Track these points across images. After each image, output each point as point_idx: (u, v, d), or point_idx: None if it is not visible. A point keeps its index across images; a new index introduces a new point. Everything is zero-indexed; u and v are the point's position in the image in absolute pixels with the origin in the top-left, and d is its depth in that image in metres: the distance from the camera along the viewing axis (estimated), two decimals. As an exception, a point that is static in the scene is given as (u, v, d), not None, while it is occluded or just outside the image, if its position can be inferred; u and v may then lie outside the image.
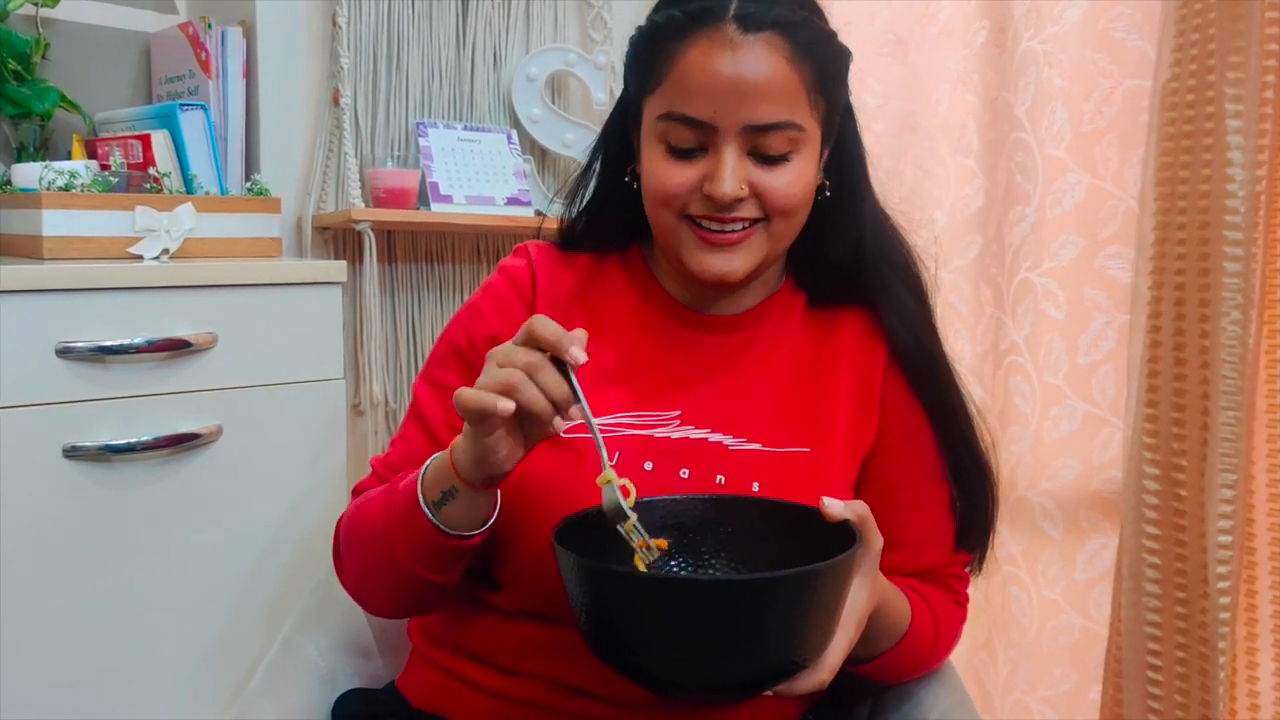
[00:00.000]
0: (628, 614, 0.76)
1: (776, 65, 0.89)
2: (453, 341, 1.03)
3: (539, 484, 0.92)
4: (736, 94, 0.89)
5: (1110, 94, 1.66)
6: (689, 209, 0.93)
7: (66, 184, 1.38)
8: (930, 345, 1.02)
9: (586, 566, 0.76)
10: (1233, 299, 1.35)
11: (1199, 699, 1.41)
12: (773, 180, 0.91)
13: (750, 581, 0.76)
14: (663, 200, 0.93)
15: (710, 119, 0.90)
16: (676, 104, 0.91)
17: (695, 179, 0.92)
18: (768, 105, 0.89)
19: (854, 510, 0.83)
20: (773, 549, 0.87)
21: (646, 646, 0.76)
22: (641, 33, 0.96)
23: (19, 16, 1.57)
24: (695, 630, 0.73)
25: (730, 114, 0.89)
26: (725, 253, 0.93)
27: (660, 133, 0.93)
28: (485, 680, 0.96)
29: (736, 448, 0.96)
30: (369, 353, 1.81)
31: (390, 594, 0.95)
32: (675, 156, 0.92)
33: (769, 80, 0.89)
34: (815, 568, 0.73)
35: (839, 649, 0.81)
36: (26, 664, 1.24)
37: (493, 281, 1.05)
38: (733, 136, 0.90)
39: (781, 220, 0.93)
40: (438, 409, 1.01)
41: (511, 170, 1.92)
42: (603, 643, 0.78)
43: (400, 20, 1.85)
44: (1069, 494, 1.75)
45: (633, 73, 0.98)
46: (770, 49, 0.89)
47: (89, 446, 1.26)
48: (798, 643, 0.76)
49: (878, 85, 1.82)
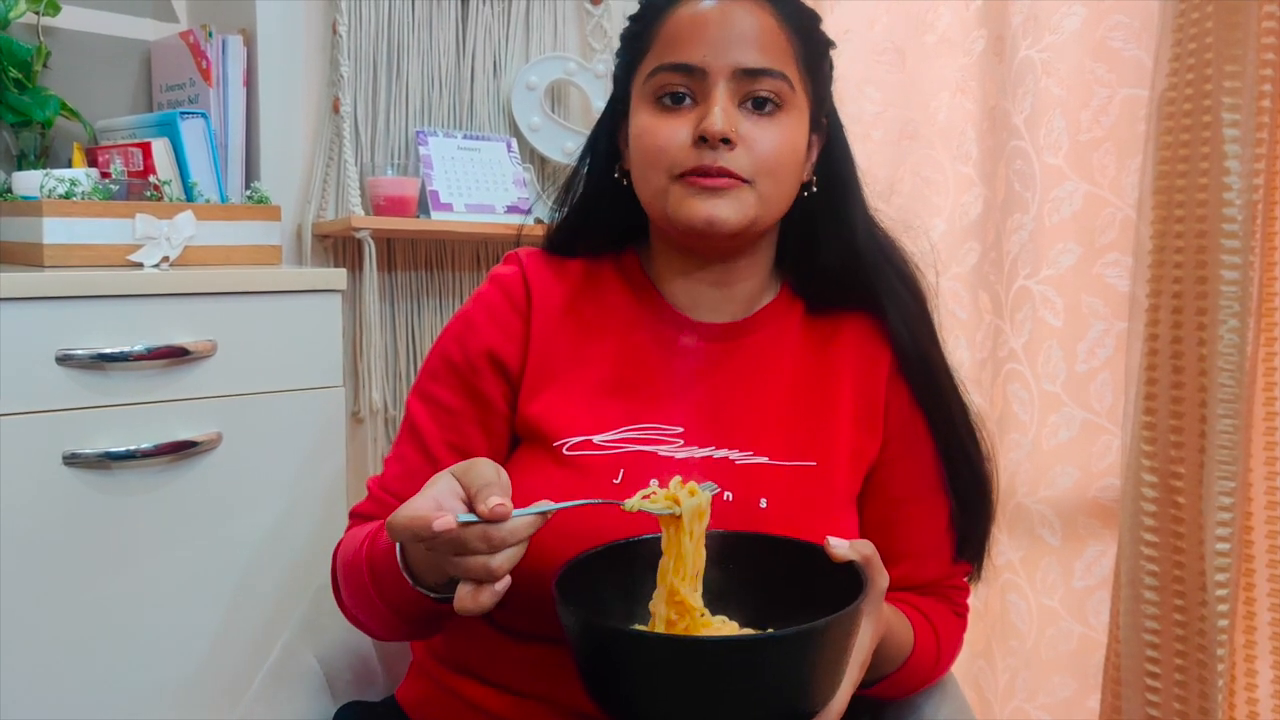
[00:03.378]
0: (630, 670, 0.74)
1: (765, 22, 0.93)
2: (446, 355, 1.00)
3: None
4: (726, 38, 0.91)
5: (1108, 103, 1.67)
6: (682, 164, 0.92)
7: (67, 192, 1.38)
8: (929, 344, 1.02)
9: (588, 623, 0.74)
10: (1230, 307, 1.35)
11: (1197, 706, 1.41)
12: (761, 133, 0.92)
13: (754, 640, 0.75)
14: (656, 156, 0.93)
15: (700, 62, 0.91)
16: (667, 55, 0.93)
17: (687, 130, 0.92)
18: (756, 51, 0.92)
19: (859, 551, 0.81)
20: (778, 586, 0.85)
21: (648, 703, 0.74)
22: (630, 17, 0.99)
23: (20, 25, 1.57)
24: (700, 687, 0.71)
25: (721, 56, 0.91)
26: (714, 198, 0.91)
27: (652, 89, 0.94)
28: (486, 701, 0.95)
29: (743, 462, 0.95)
30: (368, 360, 1.81)
31: (386, 631, 0.93)
32: (666, 109, 0.93)
33: (758, 30, 0.92)
34: (822, 623, 0.71)
35: (845, 693, 0.80)
36: (26, 670, 1.24)
37: (484, 291, 1.02)
38: (723, 80, 0.91)
39: (767, 181, 0.93)
40: (433, 425, 0.98)
41: (511, 178, 1.93)
42: (604, 696, 0.77)
43: (400, 28, 1.86)
44: (1067, 501, 1.75)
45: (623, 54, 1.00)
46: (758, 8, 0.93)
47: (89, 454, 1.26)
48: (806, 695, 0.74)
49: (876, 93, 1.82)
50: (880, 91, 1.82)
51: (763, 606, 0.85)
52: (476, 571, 0.71)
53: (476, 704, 0.96)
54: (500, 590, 0.72)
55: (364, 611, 0.92)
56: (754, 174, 0.92)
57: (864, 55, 1.81)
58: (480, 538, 0.70)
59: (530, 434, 0.96)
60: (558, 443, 0.94)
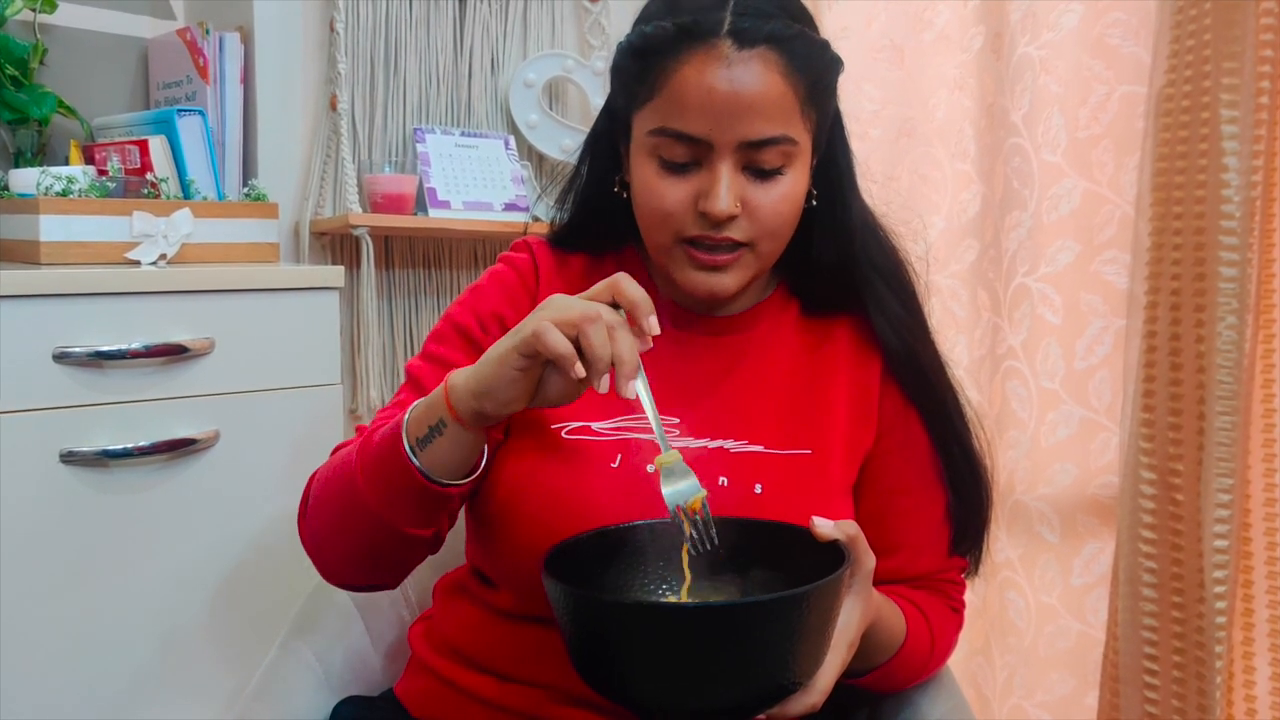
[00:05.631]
0: (615, 641, 0.75)
1: (771, 81, 0.89)
2: (455, 320, 1.01)
3: (541, 482, 0.92)
4: (732, 111, 0.88)
5: (1106, 100, 1.67)
6: (684, 232, 0.92)
7: (64, 189, 1.38)
8: (919, 348, 1.02)
9: (572, 594, 0.75)
10: (1228, 304, 1.35)
11: (1195, 703, 1.41)
12: (765, 197, 0.91)
13: (738, 606, 0.75)
14: (659, 220, 0.93)
15: (706, 135, 0.89)
16: (671, 120, 0.90)
17: (689, 195, 0.91)
18: (763, 121, 0.89)
19: (844, 530, 0.83)
20: (762, 570, 0.86)
21: (635, 674, 0.75)
22: (631, 44, 0.94)
23: (17, 22, 1.57)
24: (684, 656, 0.72)
25: (726, 130, 0.89)
26: (716, 273, 0.93)
27: (652, 148, 0.92)
28: (484, 690, 0.96)
29: (738, 450, 0.96)
30: (366, 358, 1.81)
31: (349, 547, 0.91)
32: (668, 172, 0.92)
33: (764, 96, 0.89)
34: (803, 590, 0.72)
35: (831, 670, 0.81)
36: (24, 667, 1.24)
37: (497, 269, 1.04)
38: (728, 153, 0.90)
39: (767, 241, 0.94)
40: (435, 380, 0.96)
41: (509, 176, 1.93)
42: (592, 670, 0.78)
43: (398, 26, 1.86)
44: (1066, 499, 1.75)
45: (621, 85, 0.97)
46: (765, 65, 0.89)
47: (86, 451, 1.26)
48: (788, 665, 0.75)
49: (875, 90, 1.82)
50: (878, 89, 1.82)
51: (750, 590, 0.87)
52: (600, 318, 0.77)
53: (472, 693, 0.96)
54: (577, 373, 0.77)
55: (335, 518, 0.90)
56: (755, 238, 0.92)
57: (862, 53, 1.81)
58: (616, 324, 0.78)
59: (529, 415, 0.96)
60: (556, 425, 0.95)
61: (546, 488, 0.92)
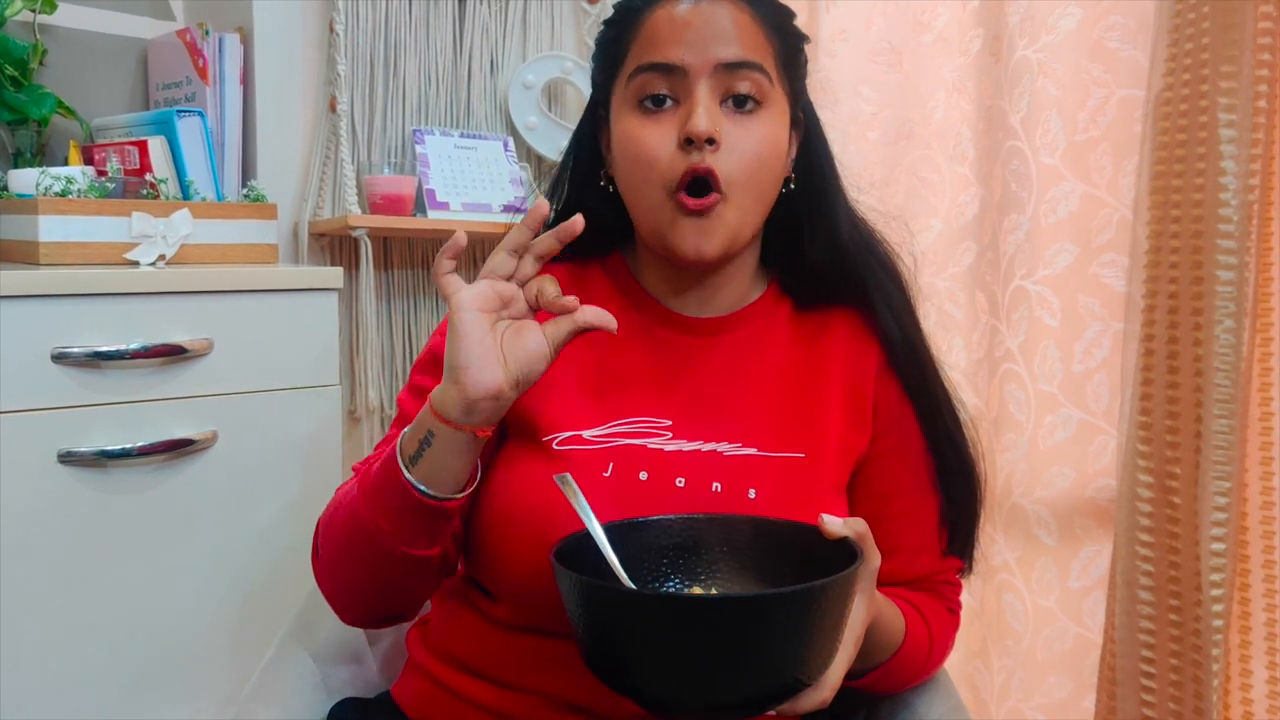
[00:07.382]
0: (627, 633, 0.74)
1: (742, 19, 0.94)
2: (436, 350, 1.01)
3: (533, 495, 0.92)
4: (704, 36, 0.93)
5: (1104, 103, 1.67)
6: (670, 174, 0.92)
7: (63, 190, 1.38)
8: (915, 334, 1.03)
9: (586, 584, 0.75)
10: (1226, 307, 1.35)
11: (1193, 706, 1.41)
12: (742, 131, 0.93)
13: (755, 598, 0.76)
14: (647, 167, 0.93)
15: (680, 61, 0.93)
16: (646, 56, 0.94)
17: (671, 133, 0.93)
18: (736, 46, 0.93)
19: (853, 527, 0.83)
20: (768, 569, 0.86)
21: (647, 666, 0.75)
22: (606, 21, 1.00)
23: (16, 23, 1.57)
24: (697, 649, 0.71)
25: (700, 53, 0.92)
26: (702, 221, 0.92)
27: (633, 92, 0.95)
28: (481, 696, 0.96)
29: (732, 453, 0.96)
30: (365, 359, 1.81)
31: (359, 578, 0.92)
32: (649, 112, 0.94)
33: (736, 26, 0.94)
34: (821, 583, 0.72)
35: (840, 667, 0.81)
36: (22, 668, 1.24)
37: None
38: (704, 77, 0.92)
39: (743, 192, 0.93)
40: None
41: (508, 177, 1.93)
42: (602, 663, 0.77)
43: (397, 27, 1.86)
44: (1063, 502, 1.75)
45: (601, 59, 1.00)
46: (735, 6, 0.95)
47: (84, 452, 1.26)
48: (801, 660, 0.75)
49: (873, 93, 1.82)
50: (877, 92, 1.82)
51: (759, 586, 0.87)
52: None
53: (469, 698, 0.96)
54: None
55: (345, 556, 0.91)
56: (733, 180, 0.92)
57: (860, 55, 1.81)
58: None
59: (519, 427, 0.97)
60: (547, 438, 0.95)
61: (539, 499, 0.91)
